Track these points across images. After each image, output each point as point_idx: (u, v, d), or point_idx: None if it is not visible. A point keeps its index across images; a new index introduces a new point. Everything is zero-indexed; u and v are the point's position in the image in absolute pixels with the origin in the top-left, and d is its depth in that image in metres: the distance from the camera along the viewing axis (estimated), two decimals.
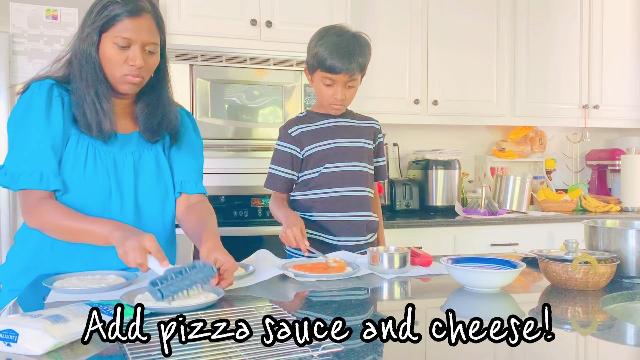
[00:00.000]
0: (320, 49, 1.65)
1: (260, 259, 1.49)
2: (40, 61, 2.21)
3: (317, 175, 1.74)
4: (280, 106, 2.63)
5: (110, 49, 1.30)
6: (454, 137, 3.59)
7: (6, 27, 2.18)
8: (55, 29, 2.23)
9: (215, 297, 1.11)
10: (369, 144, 1.80)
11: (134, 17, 1.29)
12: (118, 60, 1.31)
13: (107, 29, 1.29)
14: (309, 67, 1.72)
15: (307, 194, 1.75)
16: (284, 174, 1.75)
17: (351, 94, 1.72)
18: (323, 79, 1.67)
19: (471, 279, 1.23)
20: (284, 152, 1.76)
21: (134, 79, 1.33)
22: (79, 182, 1.33)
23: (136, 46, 1.31)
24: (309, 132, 1.75)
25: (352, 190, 1.74)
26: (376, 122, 1.86)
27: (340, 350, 0.82)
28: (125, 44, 1.30)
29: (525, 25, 3.36)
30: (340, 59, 1.62)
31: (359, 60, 1.65)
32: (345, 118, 1.80)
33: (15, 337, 0.81)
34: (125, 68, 1.31)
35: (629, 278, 1.34)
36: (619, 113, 3.57)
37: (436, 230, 2.85)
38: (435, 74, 3.19)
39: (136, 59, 1.30)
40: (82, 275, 1.29)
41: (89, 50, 1.31)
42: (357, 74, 1.68)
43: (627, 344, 0.95)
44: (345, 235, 1.73)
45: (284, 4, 2.67)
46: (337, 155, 1.73)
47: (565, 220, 3.09)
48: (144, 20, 1.31)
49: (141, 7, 1.31)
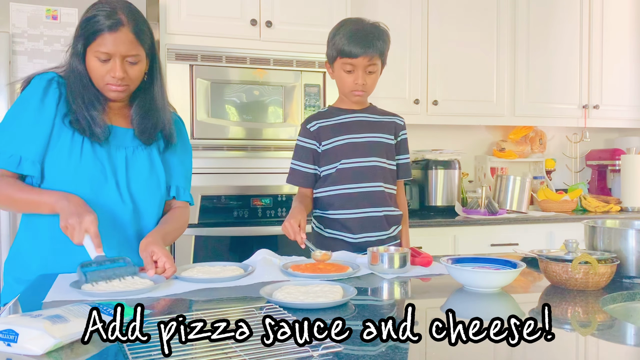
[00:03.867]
0: (338, 37, 1.69)
1: (260, 259, 1.49)
2: (40, 61, 2.21)
3: (334, 170, 1.75)
4: (280, 106, 2.62)
5: (93, 62, 1.39)
6: (454, 137, 3.59)
7: (6, 27, 2.18)
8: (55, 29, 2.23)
9: (152, 284, 1.23)
10: (389, 139, 1.80)
11: (112, 32, 1.36)
12: (100, 72, 1.39)
13: (90, 43, 1.38)
14: (329, 58, 1.75)
15: (326, 190, 1.77)
16: (304, 168, 1.78)
17: (372, 80, 1.73)
18: (343, 66, 1.70)
19: (471, 279, 1.23)
20: (303, 147, 1.79)
21: (117, 87, 1.41)
22: (74, 170, 1.39)
23: (116, 58, 1.38)
24: (328, 127, 1.77)
25: (369, 186, 1.74)
26: (398, 118, 1.86)
27: (340, 350, 0.82)
28: (105, 57, 1.38)
29: (525, 25, 3.36)
30: (358, 42, 1.66)
31: (377, 45, 1.68)
32: (366, 113, 1.81)
33: (15, 337, 0.81)
34: (107, 78, 1.40)
35: (629, 278, 1.34)
36: (619, 113, 3.57)
37: (436, 230, 2.85)
38: (435, 74, 3.20)
39: (116, 70, 1.38)
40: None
41: (75, 62, 1.40)
42: (377, 59, 1.70)
43: (627, 344, 0.95)
44: (365, 232, 1.74)
45: (284, 4, 2.67)
46: (352, 150, 1.74)
47: (565, 220, 3.09)
48: (122, 34, 1.37)
49: (119, 21, 1.37)
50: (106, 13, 1.36)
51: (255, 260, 1.51)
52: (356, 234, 1.74)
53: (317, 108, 2.66)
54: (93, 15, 1.37)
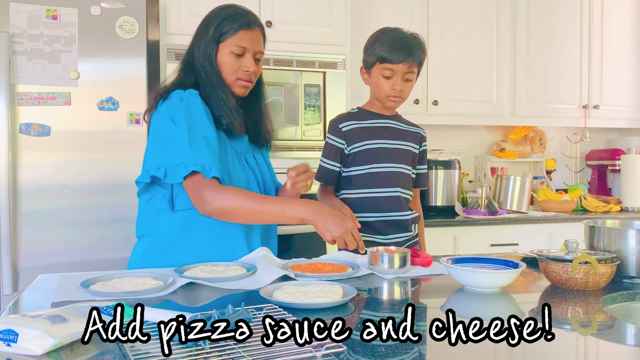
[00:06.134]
0: (379, 44, 1.74)
1: (260, 256, 1.48)
2: (40, 61, 2.21)
3: (364, 173, 1.79)
4: (280, 106, 2.62)
5: (227, 57, 1.51)
6: (454, 137, 3.59)
7: (6, 27, 2.18)
8: (55, 29, 2.22)
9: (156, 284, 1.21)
10: (415, 148, 1.87)
11: (249, 29, 1.52)
12: (234, 67, 1.52)
13: (225, 39, 1.51)
14: (366, 64, 1.80)
15: (355, 192, 1.80)
16: (331, 166, 1.82)
17: (408, 87, 1.77)
18: (382, 71, 1.74)
19: (471, 279, 1.23)
20: (333, 145, 1.82)
21: (247, 82, 1.55)
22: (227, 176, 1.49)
23: (249, 54, 1.52)
24: (359, 128, 1.81)
25: (397, 191, 1.80)
26: (422, 130, 1.92)
27: (342, 350, 0.82)
28: (240, 52, 1.51)
29: (525, 25, 3.36)
30: (399, 50, 1.71)
31: (417, 54, 1.73)
32: (395, 121, 1.86)
33: (15, 337, 0.81)
34: (240, 72, 1.53)
35: (629, 278, 1.34)
36: (619, 113, 3.57)
37: (436, 230, 2.85)
38: (435, 74, 3.20)
39: (250, 65, 1.52)
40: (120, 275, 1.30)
41: (210, 59, 1.51)
42: (415, 67, 1.74)
43: (627, 344, 0.95)
44: (394, 233, 1.79)
45: (284, 4, 2.67)
46: (385, 155, 1.79)
47: (565, 220, 3.09)
48: (256, 33, 1.53)
49: (255, 21, 1.55)
50: (243, 12, 1.53)
51: (256, 256, 1.50)
52: (386, 235, 1.79)
53: (317, 108, 2.66)
54: (231, 14, 1.51)
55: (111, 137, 2.30)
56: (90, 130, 2.28)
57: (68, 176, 2.26)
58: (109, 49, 2.30)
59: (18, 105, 2.20)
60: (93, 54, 2.28)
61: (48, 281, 1.30)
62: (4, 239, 2.16)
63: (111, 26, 2.30)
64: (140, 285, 1.20)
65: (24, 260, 2.21)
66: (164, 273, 1.32)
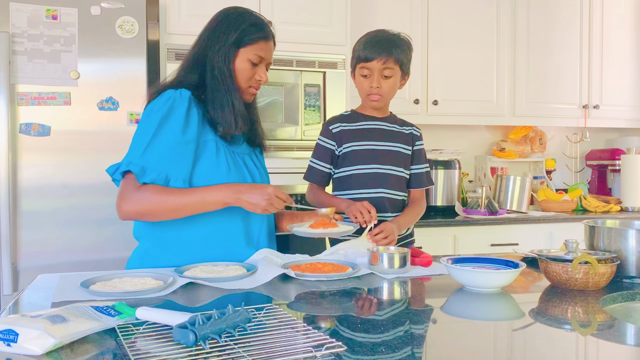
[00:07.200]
0: (358, 45, 1.77)
1: (261, 258, 1.48)
2: (40, 61, 2.21)
3: (350, 174, 1.80)
4: (280, 106, 2.62)
5: (244, 64, 1.53)
6: (454, 137, 3.59)
7: (6, 27, 2.18)
8: (55, 29, 2.22)
9: (157, 284, 1.21)
10: (407, 149, 1.86)
11: (267, 41, 1.55)
12: (249, 74, 1.54)
13: (245, 45, 1.51)
14: (352, 66, 1.82)
15: (342, 193, 1.82)
16: (322, 167, 1.83)
17: (387, 85, 1.76)
18: (361, 71, 1.76)
19: (471, 279, 1.23)
20: (323, 147, 1.83)
21: (256, 91, 1.60)
22: (222, 180, 1.48)
23: (263, 64, 1.57)
24: (349, 130, 1.82)
25: (383, 193, 1.79)
26: (415, 129, 1.91)
27: (342, 350, 0.82)
28: (257, 61, 1.54)
29: (525, 25, 3.36)
30: (373, 46, 1.72)
31: (392, 50, 1.72)
32: (387, 122, 1.85)
33: (15, 337, 0.81)
34: (252, 81, 1.56)
35: (629, 278, 1.34)
36: (619, 113, 3.57)
37: (436, 230, 2.85)
38: (435, 74, 3.20)
39: (264, 76, 1.57)
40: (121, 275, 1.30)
41: (227, 62, 1.51)
42: (392, 63, 1.73)
43: (627, 344, 0.95)
44: None
45: (284, 4, 2.67)
46: (370, 156, 1.79)
47: (565, 220, 3.09)
48: (270, 44, 1.57)
49: (271, 32, 1.57)
50: (263, 22, 1.55)
51: (256, 259, 1.50)
52: None
53: (317, 108, 2.66)
54: (256, 23, 1.53)
55: (111, 137, 2.30)
56: (90, 130, 2.28)
57: (68, 176, 2.26)
58: (108, 49, 2.30)
59: (18, 105, 2.20)
60: (93, 54, 2.28)
61: (48, 281, 1.30)
62: (4, 239, 2.16)
63: (111, 26, 2.30)
64: (140, 285, 1.20)
65: (24, 260, 2.21)
66: (164, 273, 1.32)
